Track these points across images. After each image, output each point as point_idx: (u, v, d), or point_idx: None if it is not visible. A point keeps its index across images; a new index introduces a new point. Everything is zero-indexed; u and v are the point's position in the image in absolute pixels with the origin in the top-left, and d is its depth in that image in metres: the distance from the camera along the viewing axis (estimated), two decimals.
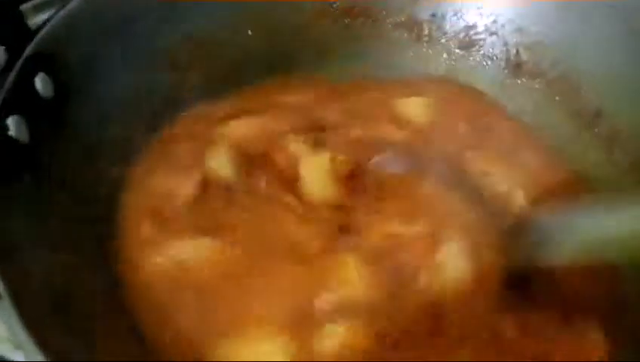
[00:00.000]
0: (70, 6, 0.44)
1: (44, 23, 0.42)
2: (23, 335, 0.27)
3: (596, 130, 0.52)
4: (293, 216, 0.44)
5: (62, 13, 0.43)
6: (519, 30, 0.57)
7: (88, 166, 0.42)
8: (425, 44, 0.61)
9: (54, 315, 0.31)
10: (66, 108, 0.41)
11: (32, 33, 0.42)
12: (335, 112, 0.52)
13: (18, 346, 0.37)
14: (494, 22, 0.58)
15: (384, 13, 0.60)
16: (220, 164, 0.46)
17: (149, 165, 0.46)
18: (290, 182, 0.46)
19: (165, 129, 0.49)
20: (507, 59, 0.58)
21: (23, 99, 0.38)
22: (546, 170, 0.51)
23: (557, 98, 0.55)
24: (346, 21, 0.60)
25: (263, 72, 0.55)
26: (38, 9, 0.46)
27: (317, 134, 0.49)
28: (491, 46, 0.59)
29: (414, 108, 0.53)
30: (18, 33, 0.42)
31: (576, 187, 0.50)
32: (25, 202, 0.35)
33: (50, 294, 0.32)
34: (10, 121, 0.36)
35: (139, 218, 0.43)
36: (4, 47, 0.40)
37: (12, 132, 0.36)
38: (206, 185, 0.45)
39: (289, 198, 0.45)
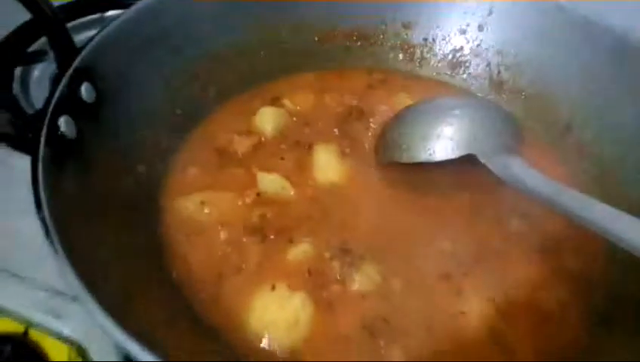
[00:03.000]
0: (108, 28, 0.51)
1: (87, 42, 0.50)
2: (76, 285, 0.34)
3: (568, 141, 0.59)
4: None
5: (101, 33, 0.51)
6: (500, 53, 0.65)
7: (122, 160, 0.49)
8: (417, 64, 0.68)
9: (103, 271, 0.37)
10: (104, 112, 0.48)
11: (77, 50, 0.50)
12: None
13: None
14: (479, 45, 0.65)
15: (381, 37, 0.68)
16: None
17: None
18: None
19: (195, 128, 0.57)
20: (490, 78, 0.65)
21: (70, 104, 0.45)
22: None
23: (534, 112, 0.62)
24: (347, 44, 0.67)
25: (270, 76, 0.63)
26: (80, 29, 0.54)
27: None
28: (476, 67, 0.66)
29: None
30: (67, 50, 0.50)
31: None
32: (72, 184, 0.42)
33: (100, 251, 0.39)
34: (61, 121, 0.43)
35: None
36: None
37: (62, 129, 0.43)
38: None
39: None
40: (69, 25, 0.53)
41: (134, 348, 0.31)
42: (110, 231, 0.43)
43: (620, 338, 0.44)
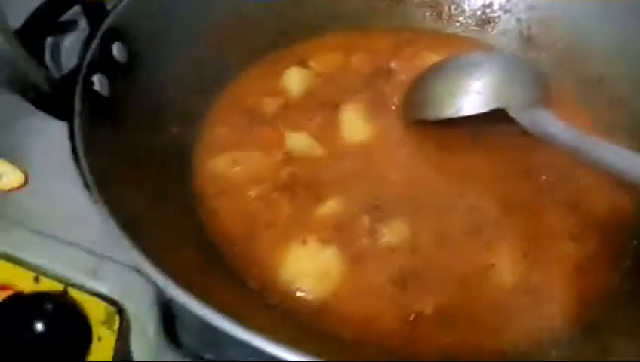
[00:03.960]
0: None
1: (118, 3, 0.51)
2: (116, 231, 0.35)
3: (600, 94, 0.58)
4: None
5: None
6: (530, 7, 0.63)
7: (157, 119, 0.50)
8: (445, 22, 0.67)
9: (140, 221, 0.39)
10: (136, 72, 0.49)
11: (107, 10, 0.50)
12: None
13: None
14: (508, 1, 0.64)
15: None
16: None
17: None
18: None
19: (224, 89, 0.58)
20: (520, 34, 0.64)
21: (103, 63, 0.46)
22: None
23: (565, 67, 0.61)
24: (373, 2, 0.67)
25: (297, 37, 0.63)
26: None
27: None
28: (506, 22, 0.65)
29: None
30: (99, 13, 0.51)
31: None
32: (107, 141, 0.43)
33: (136, 203, 0.40)
34: (95, 78, 0.45)
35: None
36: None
37: (96, 87, 0.44)
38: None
39: None
40: None
41: (171, 288, 0.33)
42: (145, 186, 0.44)
43: None
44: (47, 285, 0.49)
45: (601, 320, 0.42)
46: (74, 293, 0.49)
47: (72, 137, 0.39)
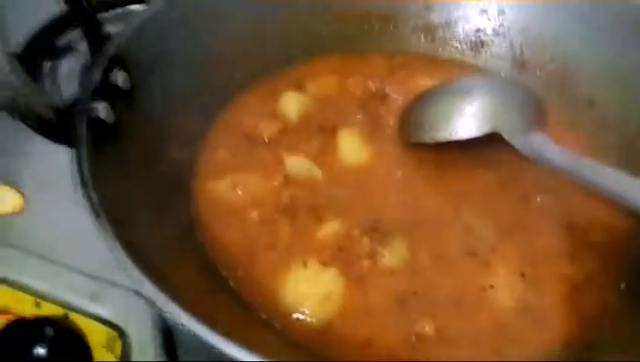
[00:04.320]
0: (138, 17, 0.53)
1: (120, 31, 0.51)
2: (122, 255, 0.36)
3: (591, 115, 0.59)
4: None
5: (132, 23, 0.53)
6: (522, 31, 0.65)
7: (157, 144, 0.51)
8: (439, 46, 0.69)
9: (144, 245, 0.39)
10: (138, 98, 0.50)
11: (107, 34, 0.51)
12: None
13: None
14: (500, 25, 0.66)
15: (402, 18, 0.68)
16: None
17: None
18: None
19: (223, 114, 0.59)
20: (512, 57, 0.66)
21: (106, 89, 0.46)
22: None
23: (556, 89, 0.62)
24: (368, 26, 0.68)
25: (294, 61, 0.65)
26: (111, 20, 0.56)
27: None
28: (498, 46, 0.66)
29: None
30: (100, 40, 0.52)
31: None
32: (111, 165, 0.43)
33: (139, 228, 0.41)
34: (98, 105, 0.45)
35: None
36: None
37: (99, 114, 0.45)
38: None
39: None
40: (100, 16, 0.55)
41: (176, 311, 0.33)
42: (147, 210, 0.45)
43: None
44: (47, 310, 0.49)
45: (598, 340, 0.43)
46: (75, 318, 0.49)
47: (79, 163, 0.40)
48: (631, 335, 0.43)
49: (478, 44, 0.67)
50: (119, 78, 0.48)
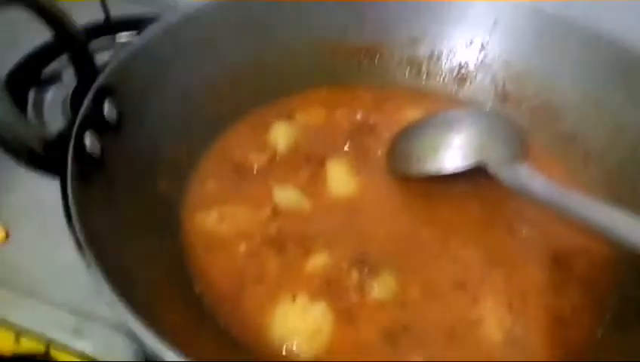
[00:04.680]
0: (128, 48, 0.53)
1: (108, 61, 0.51)
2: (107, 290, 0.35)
3: (573, 149, 0.60)
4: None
5: (121, 55, 0.53)
6: (504, 66, 0.66)
7: (146, 175, 0.50)
8: (424, 79, 0.70)
9: (130, 280, 0.39)
10: (126, 130, 0.50)
11: (98, 69, 0.51)
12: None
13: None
14: (483, 59, 0.67)
15: (389, 53, 0.70)
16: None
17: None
18: None
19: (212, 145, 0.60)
20: (495, 91, 0.67)
21: (95, 121, 0.46)
22: None
23: (539, 123, 0.64)
24: (356, 60, 0.69)
25: (283, 93, 0.65)
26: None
27: None
28: (481, 80, 0.68)
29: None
30: (89, 69, 0.52)
31: None
32: (98, 197, 0.43)
33: (126, 262, 0.40)
34: (86, 138, 0.45)
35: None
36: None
37: (87, 147, 0.45)
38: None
39: None
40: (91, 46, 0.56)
41: (161, 348, 0.33)
42: (135, 243, 0.44)
43: (633, 336, 0.45)
44: (28, 345, 0.48)
45: None
46: (56, 353, 0.48)
47: (64, 195, 0.39)
48: None
49: (461, 78, 0.69)
50: (107, 108, 0.48)
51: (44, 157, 0.44)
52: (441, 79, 0.70)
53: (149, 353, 0.46)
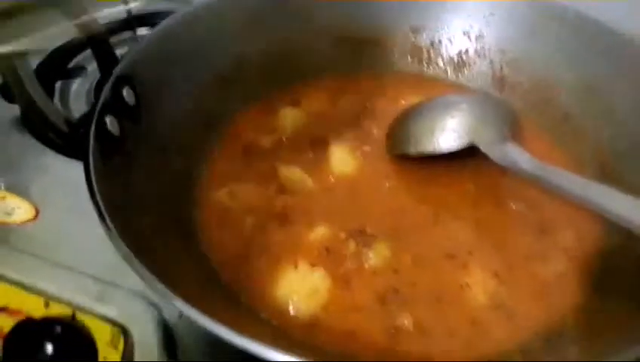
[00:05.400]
0: (146, 39, 0.58)
1: (127, 52, 0.56)
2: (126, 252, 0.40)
3: (566, 128, 0.63)
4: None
5: (140, 44, 0.57)
6: (501, 51, 0.69)
7: (160, 155, 0.55)
8: (425, 66, 0.73)
9: (147, 245, 0.43)
10: (144, 113, 0.54)
11: (115, 55, 0.56)
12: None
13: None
14: (481, 45, 0.70)
15: (391, 41, 0.73)
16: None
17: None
18: None
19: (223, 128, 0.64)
20: (493, 75, 0.70)
21: (115, 105, 0.51)
22: None
23: (533, 104, 0.67)
24: (360, 48, 0.73)
25: (290, 80, 0.69)
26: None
27: None
28: (479, 65, 0.71)
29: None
30: (110, 61, 0.57)
31: None
32: (117, 175, 0.47)
33: (143, 230, 0.45)
34: (107, 120, 0.49)
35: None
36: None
37: (108, 127, 0.49)
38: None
39: None
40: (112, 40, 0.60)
41: (177, 301, 0.37)
42: (151, 215, 0.48)
43: (613, 302, 0.47)
44: (56, 310, 0.52)
45: (565, 331, 0.46)
46: (81, 317, 0.52)
47: (87, 173, 0.44)
48: (594, 329, 0.46)
49: (461, 65, 0.72)
50: (127, 93, 0.53)
51: (69, 137, 0.48)
52: (441, 66, 0.73)
53: (166, 318, 0.51)
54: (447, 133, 0.57)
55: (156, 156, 0.54)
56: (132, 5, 0.83)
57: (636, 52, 0.59)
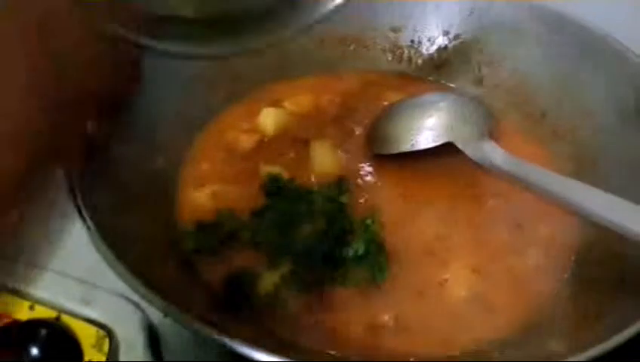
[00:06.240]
0: None
1: None
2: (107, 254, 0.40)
3: (543, 126, 0.65)
4: None
5: None
6: (480, 51, 0.70)
7: (142, 156, 0.55)
8: (406, 64, 0.74)
9: (128, 246, 0.43)
10: (125, 114, 0.55)
11: None
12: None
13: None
14: (460, 44, 0.71)
15: (372, 41, 0.74)
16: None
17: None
18: None
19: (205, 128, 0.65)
20: (472, 74, 0.71)
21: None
22: None
23: (512, 103, 0.68)
24: (342, 48, 0.74)
25: (272, 82, 0.70)
26: None
27: None
28: (458, 65, 0.72)
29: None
30: None
31: None
32: (99, 177, 0.48)
33: (124, 231, 0.45)
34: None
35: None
36: None
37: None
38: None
39: None
40: None
41: (157, 302, 0.37)
42: (132, 216, 0.49)
43: (588, 292, 0.49)
44: (41, 313, 0.52)
45: (543, 322, 0.48)
46: (66, 319, 0.52)
47: (67, 173, 0.44)
48: (571, 320, 0.47)
49: (440, 63, 0.73)
50: None
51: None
52: (421, 65, 0.74)
53: (150, 317, 0.51)
54: (426, 132, 0.58)
55: (137, 156, 0.54)
56: None
57: (614, 52, 0.60)
